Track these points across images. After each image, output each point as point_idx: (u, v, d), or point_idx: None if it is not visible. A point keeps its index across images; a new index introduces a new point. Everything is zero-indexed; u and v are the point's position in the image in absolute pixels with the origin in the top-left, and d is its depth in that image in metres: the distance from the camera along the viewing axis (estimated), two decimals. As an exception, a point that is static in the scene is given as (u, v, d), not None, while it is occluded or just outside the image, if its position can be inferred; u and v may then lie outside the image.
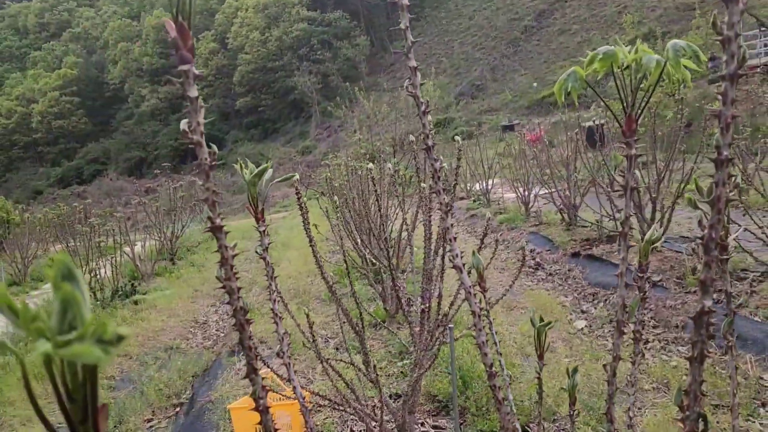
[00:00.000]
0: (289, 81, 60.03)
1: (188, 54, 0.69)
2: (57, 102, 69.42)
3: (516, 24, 53.65)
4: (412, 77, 1.01)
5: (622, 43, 0.84)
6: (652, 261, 6.14)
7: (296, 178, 2.69)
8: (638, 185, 6.42)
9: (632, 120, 0.83)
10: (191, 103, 0.71)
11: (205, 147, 0.73)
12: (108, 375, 6.02)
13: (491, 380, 1.04)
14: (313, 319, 6.43)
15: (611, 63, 0.81)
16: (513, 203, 11.65)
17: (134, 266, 10.84)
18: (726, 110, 0.63)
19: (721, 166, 0.65)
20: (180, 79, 0.70)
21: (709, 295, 0.70)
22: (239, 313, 0.76)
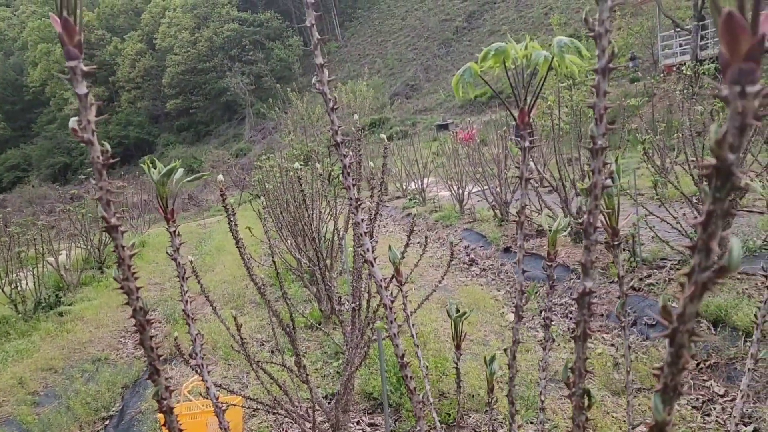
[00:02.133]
0: (221, 82, 58.86)
1: (75, 50, 0.68)
2: (-29, 106, 65.54)
3: (447, 25, 54.54)
4: (318, 74, 1.02)
5: (550, 42, 0.87)
6: (578, 253, 6.38)
7: (220, 179, 2.65)
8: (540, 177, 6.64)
9: (524, 113, 0.86)
10: (81, 100, 0.69)
11: (97, 145, 0.71)
12: (31, 390, 5.74)
13: (403, 370, 1.06)
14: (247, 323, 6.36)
15: (503, 59, 0.84)
16: (448, 201, 11.84)
17: (59, 276, 10.36)
18: (599, 102, 0.67)
19: (596, 155, 0.69)
20: (67, 76, 0.68)
21: (590, 277, 0.74)
22: (139, 314, 0.75)
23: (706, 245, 0.37)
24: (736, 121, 0.34)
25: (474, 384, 3.85)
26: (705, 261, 0.38)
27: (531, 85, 0.85)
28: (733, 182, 0.35)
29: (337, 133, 1.05)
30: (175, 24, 61.64)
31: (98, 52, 67.40)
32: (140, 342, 0.75)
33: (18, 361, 6.48)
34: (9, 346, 7.09)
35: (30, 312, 8.42)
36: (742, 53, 0.34)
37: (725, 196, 0.36)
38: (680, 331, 0.41)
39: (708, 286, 0.38)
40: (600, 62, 0.65)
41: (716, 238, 0.37)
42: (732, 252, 0.37)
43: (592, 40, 0.67)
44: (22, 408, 5.25)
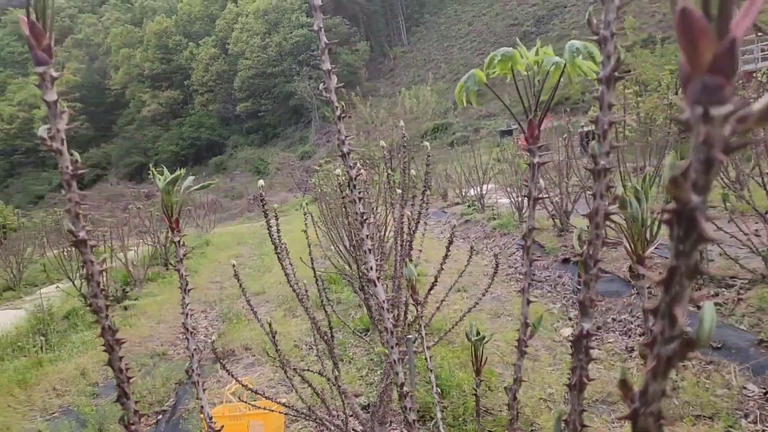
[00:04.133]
0: (288, 86, 60.11)
1: (43, 54, 0.65)
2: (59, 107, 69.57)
3: (515, 29, 53.69)
4: (326, 81, 0.96)
5: (621, 48, 0.79)
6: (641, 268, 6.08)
7: (261, 184, 2.65)
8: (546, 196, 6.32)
9: (534, 126, 0.78)
10: (50, 108, 0.66)
11: (66, 155, 0.68)
12: (91, 381, 5.97)
13: (402, 401, 0.99)
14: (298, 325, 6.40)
15: (511, 65, 0.76)
16: (507, 209, 11.59)
17: (127, 271, 10.78)
18: (603, 115, 0.58)
19: (598, 177, 0.60)
20: (36, 82, 0.65)
21: (589, 318, 0.65)
22: (107, 333, 0.71)
23: (669, 311, 0.29)
24: (701, 154, 0.26)
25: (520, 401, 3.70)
26: (669, 331, 0.29)
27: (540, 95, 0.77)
28: (699, 232, 0.27)
29: (343, 143, 0.99)
30: (247, 29, 63.46)
31: (175, 56, 70.27)
32: (108, 363, 0.71)
33: (83, 352, 6.75)
34: (76, 337, 7.41)
35: (97, 305, 8.78)
36: (705, 63, 0.25)
37: (691, 249, 0.28)
38: (643, 414, 0.32)
39: (673, 361, 0.30)
40: (604, 70, 0.56)
41: (682, 301, 0.29)
42: (702, 322, 0.28)
43: (667, 44, 0.58)
44: (82, 398, 5.46)
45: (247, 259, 12.94)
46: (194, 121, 66.79)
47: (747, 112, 0.25)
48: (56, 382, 5.90)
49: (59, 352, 6.87)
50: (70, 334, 7.65)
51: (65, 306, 9.23)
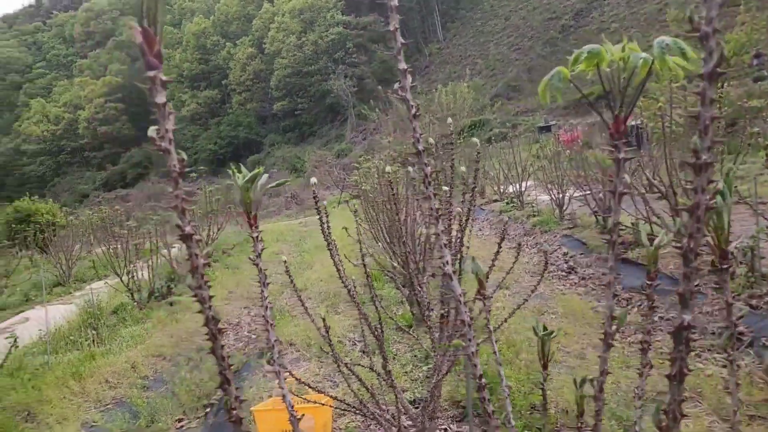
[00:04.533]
0: (325, 84, 60.55)
1: (155, 60, 0.69)
2: (102, 108, 71.61)
3: (553, 23, 52.94)
4: (401, 80, 0.99)
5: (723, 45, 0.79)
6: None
7: (314, 181, 2.69)
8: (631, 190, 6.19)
9: (620, 121, 0.79)
10: (159, 110, 0.70)
11: (174, 154, 0.72)
12: (143, 375, 6.14)
13: (480, 392, 1.01)
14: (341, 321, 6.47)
15: (597, 62, 0.77)
16: (547, 206, 11.47)
17: (171, 268, 11.04)
18: (705, 111, 0.59)
19: (699, 171, 0.61)
20: (147, 86, 0.69)
21: (689, 309, 0.66)
22: (211, 323, 0.75)
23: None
24: None
25: (569, 399, 3.68)
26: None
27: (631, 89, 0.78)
28: None
29: (418, 141, 1.02)
30: (283, 29, 64.14)
31: (213, 56, 71.49)
32: (212, 351, 0.75)
33: (132, 346, 6.95)
34: (125, 331, 7.63)
35: (144, 301, 9.03)
36: None
37: None
38: None
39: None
40: (706, 66, 0.57)
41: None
42: None
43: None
44: (133, 391, 5.63)
45: (286, 255, 13.06)
46: (232, 120, 67.88)
47: None
48: (108, 374, 6.09)
49: (110, 345, 7.09)
50: (119, 329, 7.88)
51: (113, 301, 9.51)
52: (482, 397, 0.99)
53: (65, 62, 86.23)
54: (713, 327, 4.67)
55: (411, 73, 1.03)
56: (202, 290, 0.73)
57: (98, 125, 70.94)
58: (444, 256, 1.00)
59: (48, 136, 71.80)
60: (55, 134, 71.92)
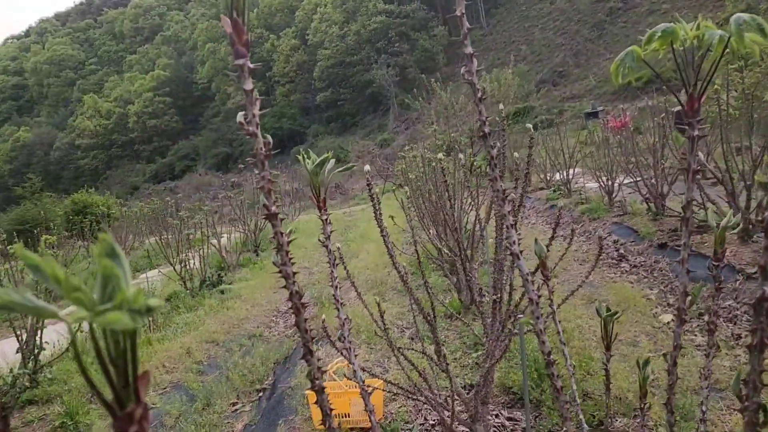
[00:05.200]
0: (367, 74, 60.61)
1: (243, 48, 0.73)
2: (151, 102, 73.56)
3: (600, 6, 51.58)
4: (468, 64, 1.01)
5: (720, 20, 0.80)
6: (746, 252, 5.78)
7: (367, 169, 2.73)
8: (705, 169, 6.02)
9: (694, 99, 0.79)
10: (247, 96, 0.75)
11: (260, 137, 0.76)
12: (197, 360, 6.34)
13: (549, 368, 1.03)
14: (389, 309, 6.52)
15: (671, 41, 0.77)
16: (595, 193, 11.26)
17: (221, 257, 11.32)
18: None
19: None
20: (236, 73, 0.74)
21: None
22: (295, 297, 0.80)
23: None
24: None
25: (622, 386, 3.64)
26: None
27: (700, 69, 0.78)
28: None
29: (485, 123, 1.04)
30: (325, 19, 64.43)
31: (257, 49, 72.41)
32: (296, 324, 0.80)
33: (186, 332, 7.18)
34: (179, 318, 7.89)
35: (196, 289, 9.30)
36: None
37: None
38: None
39: None
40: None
41: None
42: None
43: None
44: (189, 375, 5.82)
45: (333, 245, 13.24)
46: (276, 111, 68.72)
47: None
48: (165, 359, 6.31)
49: (165, 332, 7.34)
50: (173, 316, 8.15)
51: (166, 289, 9.83)
52: (551, 372, 1.01)
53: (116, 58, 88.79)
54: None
55: (451, 61, 1.05)
56: (286, 267, 0.77)
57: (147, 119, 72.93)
58: (511, 236, 1.02)
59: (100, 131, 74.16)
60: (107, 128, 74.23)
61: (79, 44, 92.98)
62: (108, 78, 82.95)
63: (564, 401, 1.04)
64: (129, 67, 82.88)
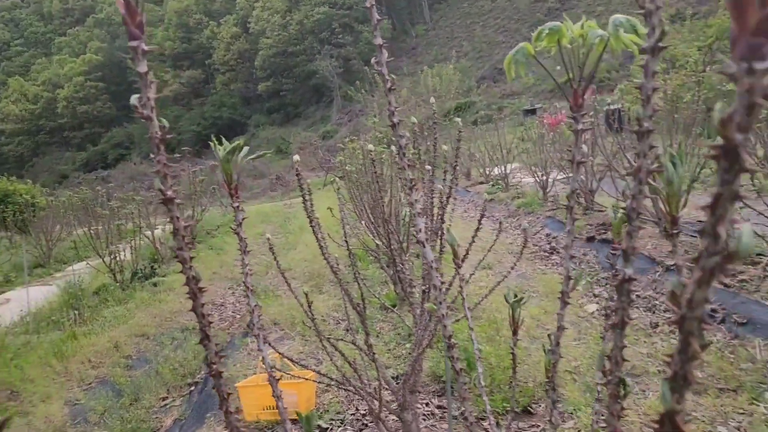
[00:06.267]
0: (310, 65, 60.00)
1: (137, 30, 0.72)
2: (82, 87, 70.43)
3: (539, 6, 52.85)
4: (378, 55, 1.03)
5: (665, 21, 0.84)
6: (666, 245, 6.09)
7: (296, 159, 2.73)
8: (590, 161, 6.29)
9: (578, 95, 0.84)
10: (141, 78, 0.74)
11: (156, 121, 0.76)
12: (125, 354, 6.18)
13: (449, 351, 1.07)
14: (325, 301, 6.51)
15: (558, 38, 0.82)
16: (531, 188, 11.59)
17: (154, 249, 11.03)
18: (647, 82, 0.65)
19: (641, 138, 0.67)
20: (129, 55, 0.73)
21: (631, 264, 0.72)
22: (191, 282, 0.80)
23: (714, 229, 0.36)
24: (744, 100, 0.32)
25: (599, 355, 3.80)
26: (713, 246, 0.36)
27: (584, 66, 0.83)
28: (741, 164, 0.34)
29: (393, 114, 1.06)
30: (268, 8, 63.32)
31: (196, 35, 70.52)
32: (192, 309, 0.80)
33: (114, 326, 6.97)
34: (107, 312, 7.65)
35: (127, 281, 9.03)
36: (750, 27, 0.32)
37: (733, 178, 0.34)
38: (688, 318, 0.39)
39: (716, 272, 0.36)
40: (650, 41, 0.62)
41: (725, 222, 0.35)
42: (741, 238, 0.35)
43: (695, 20, 0.64)
44: (117, 370, 5.67)
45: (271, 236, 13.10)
46: (216, 100, 67.15)
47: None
48: (91, 354, 6.12)
49: (92, 326, 7.11)
50: (101, 309, 7.89)
51: (95, 282, 9.50)
52: (450, 355, 1.05)
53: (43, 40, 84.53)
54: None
55: (394, 54, 1.08)
56: (183, 251, 0.78)
57: (78, 104, 69.81)
58: (417, 224, 1.06)
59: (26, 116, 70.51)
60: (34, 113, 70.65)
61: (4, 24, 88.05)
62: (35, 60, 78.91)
63: (463, 383, 1.09)
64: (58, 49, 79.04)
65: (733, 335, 4.12)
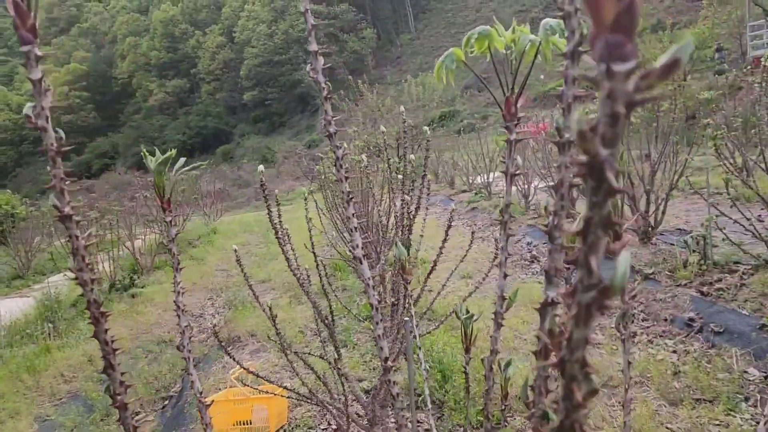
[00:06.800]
0: (295, 74, 59.99)
1: (28, 34, 0.67)
2: (66, 97, 69.78)
3: (523, 16, 53.27)
4: (312, 61, 0.98)
5: (585, 23, 0.79)
6: (645, 254, 6.08)
7: (261, 169, 2.67)
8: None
9: (510, 103, 0.79)
10: (34, 86, 0.68)
11: (51, 132, 0.70)
12: (99, 368, 6.04)
13: (385, 375, 1.01)
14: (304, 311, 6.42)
15: (488, 43, 0.77)
16: (514, 196, 11.58)
17: (134, 260, 10.87)
18: (567, 89, 0.60)
19: (563, 149, 0.62)
20: (22, 61, 0.67)
21: (553, 286, 0.66)
22: (92, 306, 0.73)
23: (586, 260, 0.30)
24: (607, 108, 0.27)
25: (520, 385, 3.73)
26: (587, 279, 0.31)
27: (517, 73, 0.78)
28: (609, 184, 0.28)
29: (330, 123, 1.01)
30: (253, 17, 63.30)
31: (181, 45, 70.25)
32: (94, 335, 0.74)
33: (90, 339, 6.82)
34: (83, 324, 7.49)
35: (105, 293, 8.87)
36: (608, 22, 0.27)
37: (602, 200, 0.29)
38: (569, 362, 0.34)
39: (593, 309, 0.31)
40: (569, 45, 0.58)
41: (597, 251, 0.30)
42: (617, 269, 0.30)
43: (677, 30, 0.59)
44: (89, 384, 5.54)
45: (253, 247, 13.00)
46: (201, 110, 66.85)
47: (649, 68, 0.27)
48: (64, 368, 5.98)
49: (67, 339, 6.96)
50: (77, 322, 7.73)
51: (72, 294, 9.33)
52: (387, 379, 0.99)
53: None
54: (666, 314, 4.77)
55: (379, 63, 1.02)
56: (83, 273, 0.71)
57: (62, 114, 69.15)
58: (354, 239, 1.00)
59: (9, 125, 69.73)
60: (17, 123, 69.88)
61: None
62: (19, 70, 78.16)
63: (399, 408, 1.03)
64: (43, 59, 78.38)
65: (710, 345, 4.09)
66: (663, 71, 0.26)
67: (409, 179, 2.64)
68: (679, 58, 0.26)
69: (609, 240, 0.29)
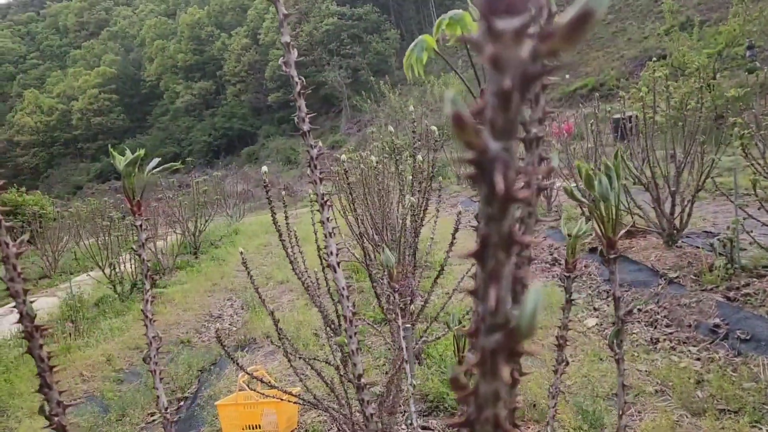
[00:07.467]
0: (319, 76, 60.16)
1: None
2: (96, 99, 71.09)
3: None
4: (285, 54, 0.90)
5: (659, 31, 0.71)
6: (670, 257, 5.90)
7: (264, 170, 2.61)
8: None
9: (486, 96, 0.71)
10: None
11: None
12: (117, 368, 6.08)
13: (359, 393, 0.93)
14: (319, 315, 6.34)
15: (461, 29, 0.69)
16: (535, 197, 11.40)
17: (156, 260, 10.96)
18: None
19: (529, 147, 0.53)
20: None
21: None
22: (25, 320, 0.67)
23: (485, 291, 0.22)
24: (494, 84, 0.19)
25: (536, 392, 3.62)
26: (490, 318, 0.23)
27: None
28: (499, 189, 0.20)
29: (303, 120, 0.94)
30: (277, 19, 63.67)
31: (207, 47, 71.01)
32: (28, 351, 0.68)
33: (110, 339, 6.88)
34: (105, 324, 7.56)
35: (126, 293, 8.95)
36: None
37: (500, 212, 0.21)
38: (477, 421, 0.26)
39: (499, 356, 0.23)
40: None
41: (500, 279, 0.22)
42: (524, 307, 0.22)
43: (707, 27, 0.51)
44: (106, 384, 5.56)
45: (274, 248, 13.00)
46: (226, 111, 67.48)
47: (551, 27, 0.19)
48: (83, 367, 6.02)
49: (88, 338, 7.02)
50: (99, 321, 7.80)
51: (96, 294, 9.43)
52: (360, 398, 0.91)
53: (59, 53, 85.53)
54: (690, 319, 4.61)
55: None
56: (15, 283, 0.65)
57: (92, 116, 70.46)
58: (328, 245, 0.93)
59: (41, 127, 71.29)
60: (49, 125, 71.40)
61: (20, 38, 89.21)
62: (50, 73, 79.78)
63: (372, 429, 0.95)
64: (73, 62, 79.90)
65: (736, 352, 3.93)
66: (570, 30, 0.18)
67: (417, 180, 2.56)
68: (591, 11, 0.18)
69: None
